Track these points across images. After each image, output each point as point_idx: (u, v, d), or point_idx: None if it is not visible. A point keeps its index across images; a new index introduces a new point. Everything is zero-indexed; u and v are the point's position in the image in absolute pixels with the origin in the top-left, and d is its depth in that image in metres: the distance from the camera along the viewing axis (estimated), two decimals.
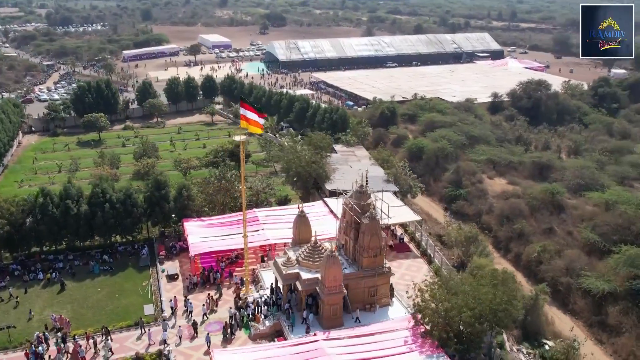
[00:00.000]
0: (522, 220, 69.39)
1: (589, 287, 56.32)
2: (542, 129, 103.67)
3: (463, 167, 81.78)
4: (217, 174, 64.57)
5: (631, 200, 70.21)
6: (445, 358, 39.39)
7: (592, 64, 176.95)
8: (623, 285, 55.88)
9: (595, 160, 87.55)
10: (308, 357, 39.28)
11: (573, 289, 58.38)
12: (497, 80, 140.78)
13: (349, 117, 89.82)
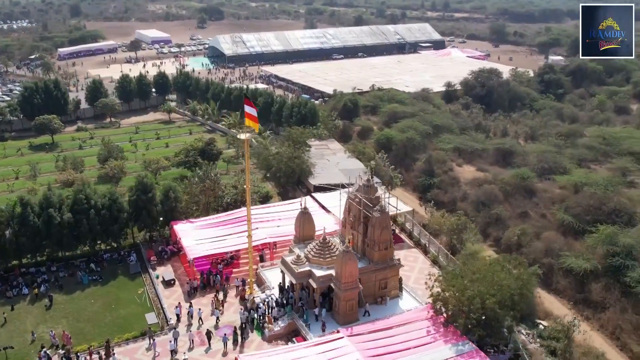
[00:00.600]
0: (497, 205, 71.46)
1: (571, 267, 58.35)
2: (498, 116, 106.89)
3: (434, 156, 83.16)
4: (200, 174, 62.74)
5: (598, 182, 73.64)
6: (471, 345, 40.05)
7: (528, 52, 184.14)
8: (602, 263, 58.64)
9: (553, 145, 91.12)
10: (337, 355, 38.95)
11: (555, 269, 60.45)
12: (444, 69, 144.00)
13: (318, 111, 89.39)
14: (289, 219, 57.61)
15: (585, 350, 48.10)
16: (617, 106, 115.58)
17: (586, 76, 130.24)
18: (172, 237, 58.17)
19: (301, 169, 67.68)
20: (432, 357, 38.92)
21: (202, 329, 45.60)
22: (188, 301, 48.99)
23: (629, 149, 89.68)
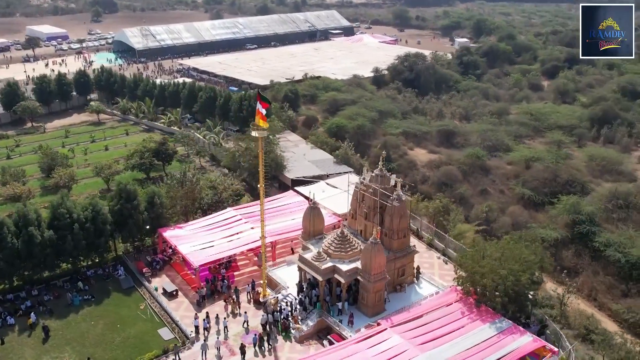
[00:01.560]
0: (458, 185, 74.23)
1: (542, 237, 61.76)
2: (430, 99, 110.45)
3: (388, 141, 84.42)
4: (178, 177, 59.45)
5: (547, 156, 78.68)
6: (507, 321, 41.46)
7: (431, 35, 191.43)
8: (567, 231, 62.91)
9: (489, 123, 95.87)
10: (388, 347, 38.81)
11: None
12: (362, 55, 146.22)
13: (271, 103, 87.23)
14: (283, 215, 56.43)
15: (575, 313, 51.24)
16: (530, 83, 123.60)
17: (498, 56, 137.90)
18: (159, 246, 54.79)
19: (276, 164, 66.10)
20: (476, 338, 39.85)
21: (228, 337, 43.57)
22: (199, 311, 46.60)
23: (556, 123, 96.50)
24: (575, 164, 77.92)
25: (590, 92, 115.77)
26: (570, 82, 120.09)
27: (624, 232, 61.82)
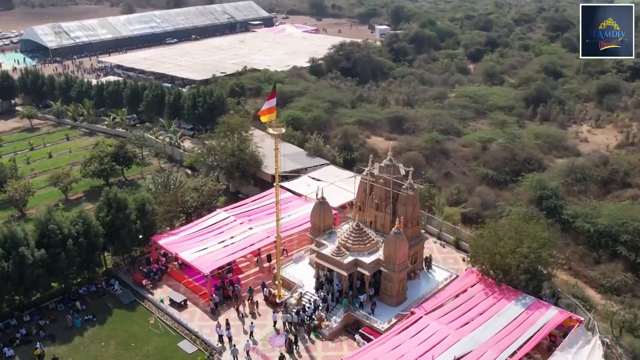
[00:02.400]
0: (423, 169, 75.98)
1: (513, 213, 64.62)
2: (370, 87, 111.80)
3: (347, 130, 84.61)
4: (160, 181, 56.41)
5: (502, 136, 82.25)
6: (530, 297, 43.15)
7: (349, 23, 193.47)
8: (535, 207, 66.30)
9: (433, 108, 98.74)
10: (430, 334, 39.23)
11: (497, 218, 66.66)
12: (290, 46, 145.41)
13: (226, 98, 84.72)
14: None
15: (561, 283, 54.25)
16: (458, 67, 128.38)
17: (424, 42, 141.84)
18: (152, 255, 51.88)
19: (255, 161, 64.41)
20: (507, 316, 41.14)
21: (257, 342, 42.22)
22: (214, 319, 44.79)
23: (496, 104, 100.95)
24: (526, 142, 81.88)
25: (514, 73, 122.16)
26: (496, 64, 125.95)
27: (588, 203, 65.92)
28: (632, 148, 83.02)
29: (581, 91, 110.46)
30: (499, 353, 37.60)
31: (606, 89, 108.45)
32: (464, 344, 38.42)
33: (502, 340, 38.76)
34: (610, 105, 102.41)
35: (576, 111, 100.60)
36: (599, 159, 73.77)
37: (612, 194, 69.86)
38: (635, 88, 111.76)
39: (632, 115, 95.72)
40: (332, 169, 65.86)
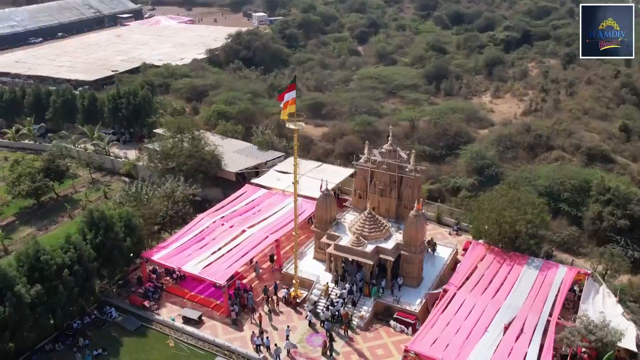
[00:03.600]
0: (362, 152, 77.37)
1: (458, 185, 68.56)
2: (276, 75, 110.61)
3: (275, 121, 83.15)
4: (132, 193, 51.67)
5: (428, 112, 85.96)
6: (539, 260, 46.22)
7: (221, 12, 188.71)
8: (475, 176, 70.81)
9: (345, 91, 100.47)
10: (472, 308, 40.65)
11: (443, 191, 70.34)
12: (174, 38, 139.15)
13: (153, 98, 78.76)
14: (262, 212, 53.31)
15: None
16: (349, 50, 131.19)
17: (311, 27, 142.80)
18: (143, 273, 47.68)
19: (217, 160, 61.23)
20: (527, 281, 43.70)
21: (297, 346, 40.89)
22: (239, 330, 42.70)
23: (403, 84, 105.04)
24: (452, 117, 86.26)
25: (403, 53, 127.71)
26: (386, 44, 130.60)
27: (524, 168, 71.43)
28: (538, 114, 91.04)
29: (469, 65, 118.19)
30: (539, 314, 40.02)
31: (493, 61, 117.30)
32: (505, 312, 40.32)
33: (535, 303, 41.26)
34: (500, 77, 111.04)
35: (473, 84, 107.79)
36: (522, 126, 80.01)
37: (539, 157, 76.10)
38: (513, 59, 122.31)
39: (525, 84, 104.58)
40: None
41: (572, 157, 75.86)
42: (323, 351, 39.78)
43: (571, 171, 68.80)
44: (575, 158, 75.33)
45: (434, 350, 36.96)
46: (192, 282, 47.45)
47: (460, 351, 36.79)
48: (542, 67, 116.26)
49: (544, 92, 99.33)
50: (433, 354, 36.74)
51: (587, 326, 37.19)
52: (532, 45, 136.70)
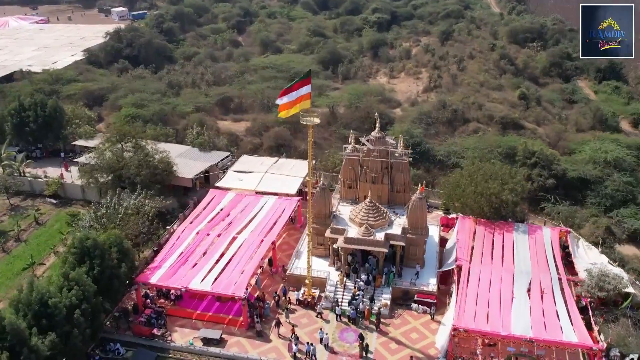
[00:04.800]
0: (292, 143, 77.09)
1: None
2: (169, 71, 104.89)
3: (194, 119, 79.14)
4: (101, 214, 46.34)
5: (346, 97, 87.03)
6: (524, 224, 49.60)
7: (71, 9, 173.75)
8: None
9: (248, 83, 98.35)
10: (490, 278, 42.75)
11: None
12: (35, 40, 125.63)
13: (63, 110, 70.10)
14: (243, 216, 50.98)
15: None
16: (230, 41, 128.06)
17: (184, 20, 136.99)
18: (138, 300, 43.36)
19: (169, 168, 56.90)
20: (523, 245, 46.69)
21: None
22: (267, 341, 40.86)
23: (302, 71, 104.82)
24: (369, 100, 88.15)
25: (285, 40, 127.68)
26: (268, 33, 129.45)
27: (450, 142, 75.74)
28: (439, 90, 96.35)
29: (353, 48, 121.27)
30: (549, 274, 43.17)
31: (377, 43, 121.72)
32: (520, 277, 42.87)
33: (540, 264, 44.37)
34: (387, 57, 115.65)
35: (366, 67, 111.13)
36: (439, 102, 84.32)
37: (457, 130, 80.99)
38: (391, 40, 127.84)
39: (416, 62, 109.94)
40: (249, 158, 62.46)
41: (487, 127, 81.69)
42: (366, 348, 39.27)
43: (493, 140, 74.31)
44: (491, 128, 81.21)
45: (480, 324, 38.33)
46: (191, 300, 44.33)
47: (502, 320, 38.50)
48: (422, 45, 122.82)
49: (436, 69, 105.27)
50: (481, 327, 38.10)
51: (600, 278, 40.88)
52: (400, 25, 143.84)
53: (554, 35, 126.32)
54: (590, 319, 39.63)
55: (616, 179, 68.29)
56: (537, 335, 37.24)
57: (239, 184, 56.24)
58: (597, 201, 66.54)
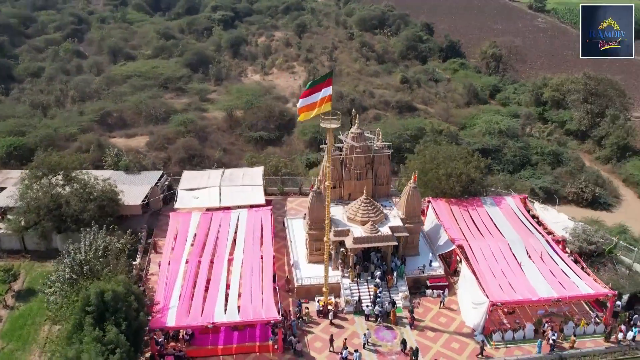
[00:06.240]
0: (204, 151, 73.64)
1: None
2: (24, 90, 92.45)
3: (88, 139, 71.13)
4: (79, 261, 39.81)
5: (236, 100, 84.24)
6: (489, 198, 53.11)
7: None
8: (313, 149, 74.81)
9: (117, 95, 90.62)
10: (491, 250, 45.56)
11: None
12: None
13: None
14: (223, 236, 47.60)
15: None
16: (73, 51, 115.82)
17: (12, 32, 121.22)
18: (153, 348, 38.42)
19: (115, 197, 50.55)
20: (498, 216, 50.15)
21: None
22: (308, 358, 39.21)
23: (174, 76, 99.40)
24: (267, 100, 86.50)
25: (133, 45, 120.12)
26: (114, 39, 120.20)
27: None
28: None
29: (210, 48, 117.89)
30: (536, 238, 47.03)
31: (236, 41, 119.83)
32: (516, 246, 46.04)
33: (524, 231, 48.18)
34: (252, 55, 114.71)
35: (235, 66, 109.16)
36: (335, 94, 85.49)
37: (359, 118, 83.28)
38: (244, 36, 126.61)
39: (285, 57, 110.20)
40: (192, 174, 57.95)
41: (385, 112, 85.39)
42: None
43: (400, 124, 78.26)
44: (388, 113, 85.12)
45: (512, 295, 40.58)
46: (205, 336, 40.52)
47: (526, 289, 41.18)
48: (280, 40, 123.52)
49: (308, 61, 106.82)
50: (515, 297, 40.41)
51: (585, 233, 45.90)
52: (242, 21, 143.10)
53: (396, 21, 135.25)
54: (584, 270, 44.15)
55: (512, 145, 76.38)
56: (561, 294, 40.57)
57: (198, 202, 52.21)
58: (501, 167, 73.75)
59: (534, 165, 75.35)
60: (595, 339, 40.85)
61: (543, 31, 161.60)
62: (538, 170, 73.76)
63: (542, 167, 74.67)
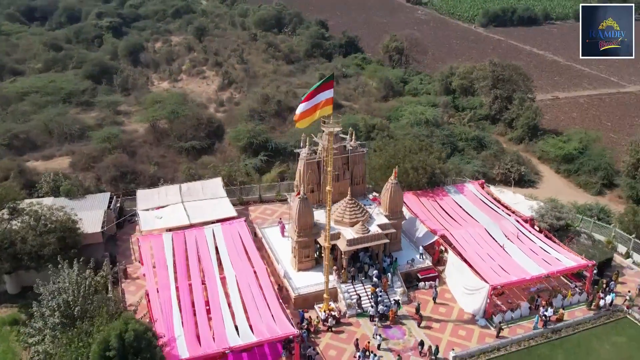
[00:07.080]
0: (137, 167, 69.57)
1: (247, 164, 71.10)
2: None
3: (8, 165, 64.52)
4: (65, 301, 35.73)
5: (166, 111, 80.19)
6: (451, 187, 54.91)
7: None
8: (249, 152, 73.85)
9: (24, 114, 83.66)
10: (478, 235, 47.34)
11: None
12: None
13: None
14: (205, 256, 45.11)
15: None
16: None
17: None
18: None
19: (75, 227, 45.87)
20: (466, 202, 52.18)
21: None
22: None
23: (77, 89, 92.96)
24: (191, 106, 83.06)
25: (19, 60, 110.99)
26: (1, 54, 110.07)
27: (292, 130, 77.53)
28: (236, 85, 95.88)
29: (106, 57, 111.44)
30: (506, 220, 49.48)
31: (135, 48, 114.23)
32: (493, 229, 48.01)
33: (495, 214, 50.51)
34: (155, 62, 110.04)
35: (140, 75, 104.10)
36: (262, 96, 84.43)
37: (287, 120, 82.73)
38: (140, 42, 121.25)
39: (193, 63, 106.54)
40: (146, 193, 53.97)
41: None
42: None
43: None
44: None
45: (507, 277, 42.33)
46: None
47: (517, 269, 43.17)
48: (179, 44, 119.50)
49: (218, 65, 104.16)
50: (510, 279, 42.19)
51: (553, 209, 48.99)
52: (130, 27, 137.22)
53: (292, 20, 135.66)
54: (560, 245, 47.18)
55: (439, 134, 79.64)
56: (549, 269, 43.02)
57: (164, 222, 48.99)
58: (435, 156, 76.82)
59: (460, 151, 79.14)
60: (580, 307, 43.76)
61: (425, 23, 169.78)
62: (465, 156, 77.52)
63: (468, 152, 78.61)
